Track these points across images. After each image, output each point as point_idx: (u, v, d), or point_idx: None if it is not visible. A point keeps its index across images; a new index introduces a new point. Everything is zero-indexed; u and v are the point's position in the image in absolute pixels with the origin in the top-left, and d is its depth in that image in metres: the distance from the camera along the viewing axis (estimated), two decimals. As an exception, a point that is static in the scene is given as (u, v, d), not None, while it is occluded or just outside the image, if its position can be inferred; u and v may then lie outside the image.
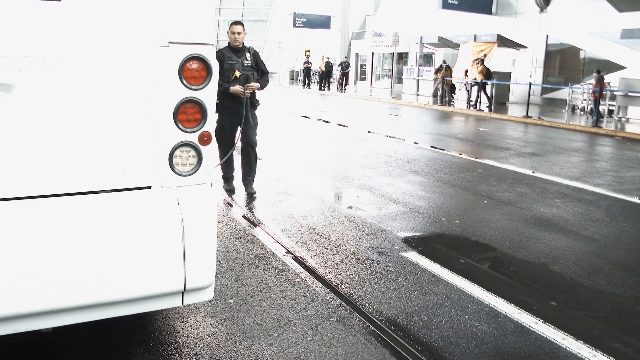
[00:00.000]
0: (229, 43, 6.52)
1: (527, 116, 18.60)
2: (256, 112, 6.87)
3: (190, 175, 2.80)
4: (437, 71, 25.68)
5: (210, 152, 2.87)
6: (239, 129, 6.60)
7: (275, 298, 4.03)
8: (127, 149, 2.68)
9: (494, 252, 5.35)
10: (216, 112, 5.80)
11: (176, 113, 2.70)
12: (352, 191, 7.66)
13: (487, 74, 21.89)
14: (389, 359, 3.34)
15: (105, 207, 2.64)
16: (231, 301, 3.99)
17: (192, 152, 2.79)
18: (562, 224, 6.23)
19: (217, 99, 5.67)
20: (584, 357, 3.42)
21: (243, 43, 6.60)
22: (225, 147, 6.72)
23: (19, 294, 2.46)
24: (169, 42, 2.62)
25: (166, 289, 2.74)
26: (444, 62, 25.55)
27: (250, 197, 6.95)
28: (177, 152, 2.76)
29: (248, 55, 6.56)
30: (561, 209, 6.89)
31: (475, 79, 22.02)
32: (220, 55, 6.35)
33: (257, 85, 6.54)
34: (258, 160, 7.20)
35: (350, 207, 6.70)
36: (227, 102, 6.38)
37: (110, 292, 2.63)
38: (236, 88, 6.38)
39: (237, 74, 6.40)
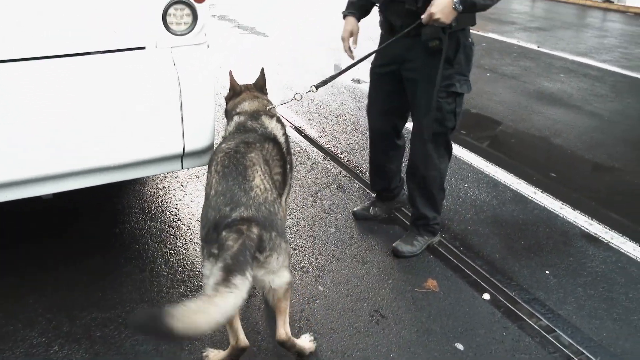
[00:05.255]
0: None
1: (535, -10, 17.86)
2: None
3: (185, 34, 2.67)
4: None
5: (206, 11, 2.72)
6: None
7: (275, 167, 4.02)
8: (117, 7, 2.52)
9: (495, 124, 5.30)
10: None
11: None
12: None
13: None
14: (388, 223, 3.39)
15: (98, 69, 2.53)
16: (231, 169, 3.98)
17: (187, 10, 2.65)
18: (565, 99, 6.13)
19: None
20: (580, 226, 3.47)
21: None
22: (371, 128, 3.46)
23: (17, 159, 2.41)
24: None
25: (165, 152, 2.70)
26: None
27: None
28: (171, 10, 2.62)
29: None
30: (565, 83, 6.75)
31: None
32: None
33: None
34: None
35: (353, 80, 6.56)
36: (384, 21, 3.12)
37: (108, 155, 2.59)
38: None
39: None
